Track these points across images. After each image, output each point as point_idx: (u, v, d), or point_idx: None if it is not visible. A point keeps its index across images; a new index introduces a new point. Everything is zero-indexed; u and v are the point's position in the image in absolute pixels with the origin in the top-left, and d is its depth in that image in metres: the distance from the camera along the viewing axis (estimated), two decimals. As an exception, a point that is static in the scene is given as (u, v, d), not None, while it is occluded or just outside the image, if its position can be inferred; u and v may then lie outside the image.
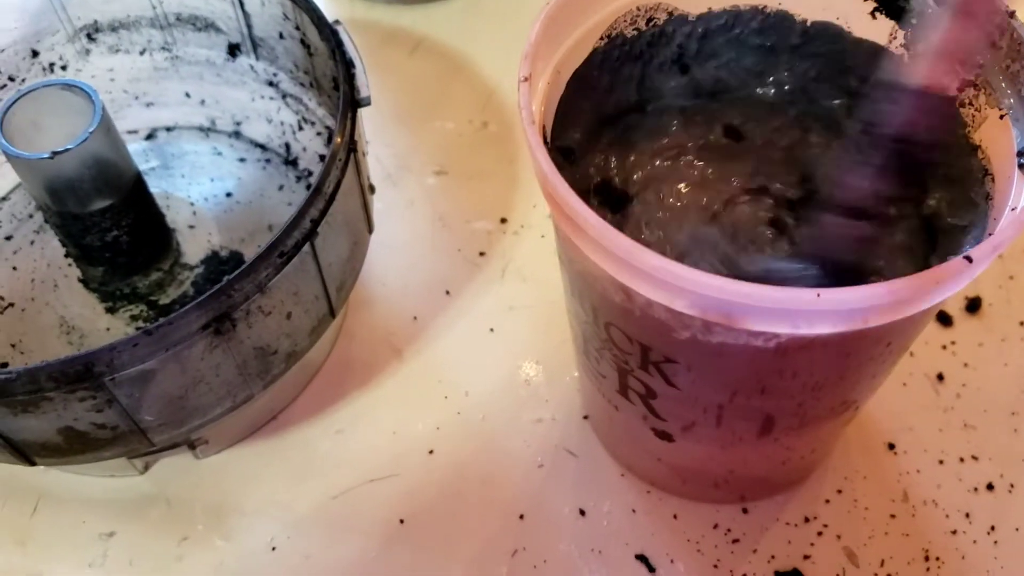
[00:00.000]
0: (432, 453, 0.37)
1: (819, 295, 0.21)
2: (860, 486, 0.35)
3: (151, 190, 0.37)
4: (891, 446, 0.36)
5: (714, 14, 0.31)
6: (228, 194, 0.41)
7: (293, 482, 0.36)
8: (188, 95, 0.43)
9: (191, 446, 0.36)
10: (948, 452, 0.36)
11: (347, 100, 0.33)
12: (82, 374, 0.28)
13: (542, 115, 0.26)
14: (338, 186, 0.31)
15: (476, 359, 0.39)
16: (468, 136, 0.46)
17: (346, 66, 0.33)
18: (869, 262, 0.28)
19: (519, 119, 0.46)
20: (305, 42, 0.37)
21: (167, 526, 0.36)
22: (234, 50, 0.41)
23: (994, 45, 0.25)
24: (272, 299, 0.30)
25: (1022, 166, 0.24)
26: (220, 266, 0.39)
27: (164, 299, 0.38)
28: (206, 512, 0.36)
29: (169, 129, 0.44)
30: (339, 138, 0.32)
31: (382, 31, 0.51)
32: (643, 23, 0.30)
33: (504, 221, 0.43)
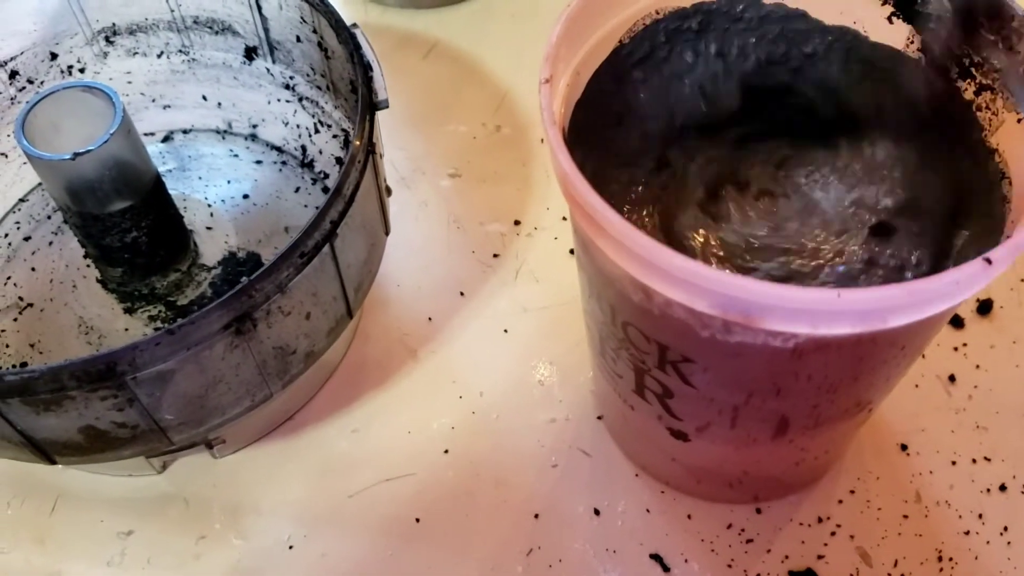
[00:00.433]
0: (447, 452, 0.37)
1: (839, 295, 0.21)
2: (873, 487, 0.35)
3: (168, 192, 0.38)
4: (904, 447, 0.36)
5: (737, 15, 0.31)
6: (245, 196, 0.42)
7: (309, 481, 0.37)
8: (205, 98, 0.43)
9: (209, 445, 0.36)
10: (961, 453, 0.36)
11: (365, 103, 0.33)
12: (104, 373, 0.28)
13: (562, 116, 0.26)
14: (357, 188, 0.32)
15: (490, 360, 0.39)
16: (481, 139, 0.47)
17: (364, 69, 0.34)
18: None
19: (531, 122, 0.47)
20: (322, 45, 0.37)
21: (185, 525, 0.36)
22: (251, 53, 0.41)
23: (1012, 50, 0.25)
24: (292, 299, 0.31)
25: None
26: (238, 267, 0.39)
27: (182, 300, 0.38)
28: (223, 511, 0.36)
29: (186, 131, 0.44)
30: (357, 141, 0.32)
31: (395, 35, 0.51)
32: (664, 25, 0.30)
33: (518, 223, 0.43)
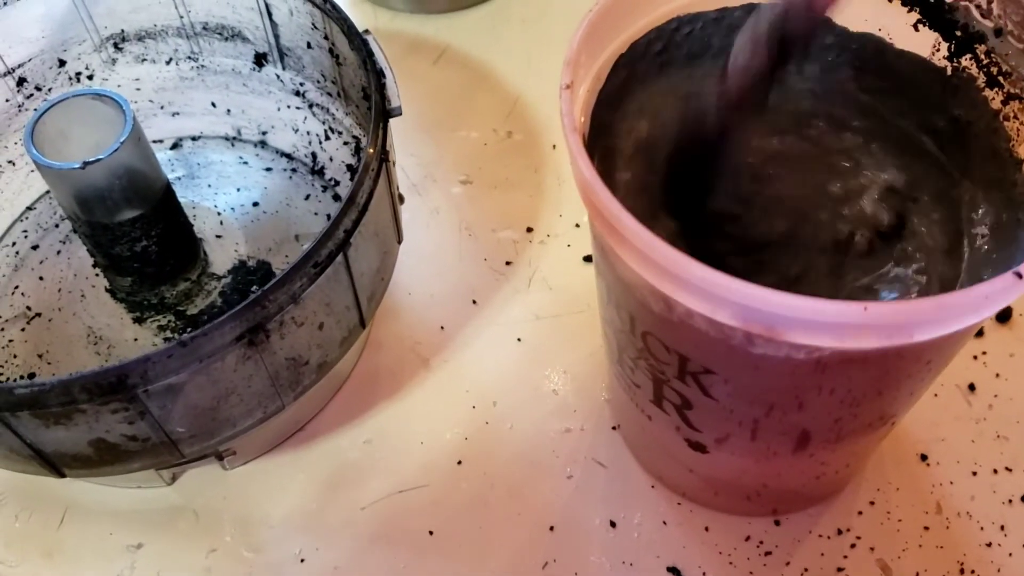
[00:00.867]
0: (460, 464, 0.37)
1: (866, 309, 0.21)
2: (893, 498, 0.35)
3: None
4: (923, 457, 0.36)
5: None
6: (255, 203, 0.41)
7: (321, 493, 0.36)
8: (214, 105, 0.43)
9: (219, 457, 0.36)
10: (981, 463, 0.35)
11: (378, 110, 0.32)
12: (115, 386, 0.28)
13: (583, 123, 0.26)
14: (370, 197, 0.31)
15: (503, 369, 0.39)
16: (493, 145, 0.46)
17: (377, 76, 0.33)
18: None
19: (543, 128, 0.47)
20: (334, 52, 0.37)
21: (195, 538, 0.36)
22: (261, 60, 0.41)
23: None
24: (305, 310, 0.30)
25: None
26: (248, 276, 0.38)
27: (192, 309, 0.38)
28: (234, 523, 0.36)
29: (195, 138, 0.44)
30: (371, 149, 0.31)
31: (406, 41, 0.51)
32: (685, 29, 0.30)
33: (530, 230, 0.43)
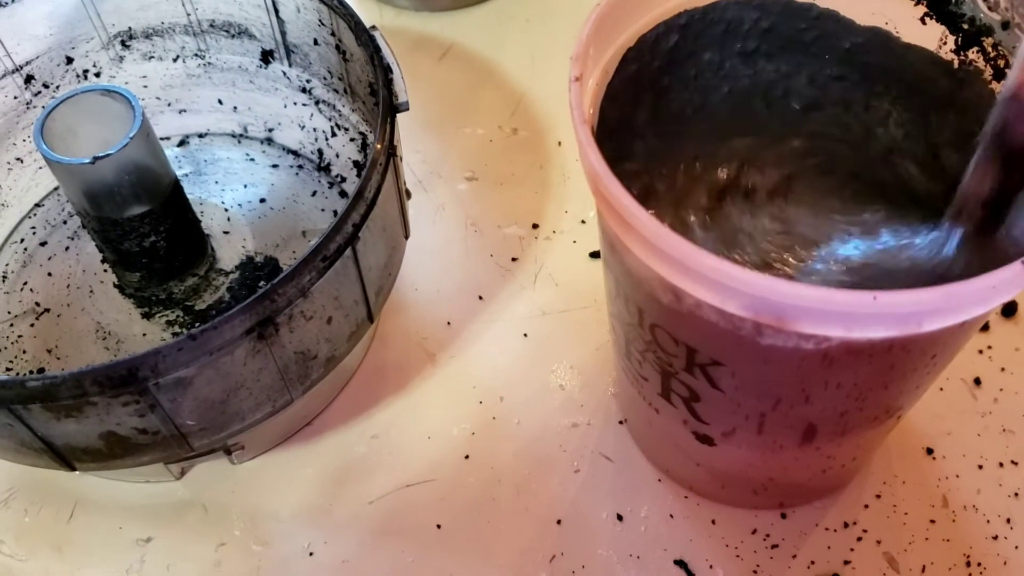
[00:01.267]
0: (468, 458, 0.37)
1: (875, 298, 0.21)
2: (899, 491, 0.35)
3: (186, 196, 0.38)
4: (929, 451, 0.36)
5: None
6: (262, 200, 0.41)
7: (329, 487, 0.36)
8: (221, 102, 0.43)
9: (227, 451, 0.36)
10: (987, 457, 0.35)
11: (386, 105, 0.33)
12: (126, 379, 0.28)
13: (591, 116, 0.26)
14: (378, 191, 0.31)
15: (510, 364, 0.39)
16: (498, 142, 0.46)
17: (384, 72, 0.33)
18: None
19: (548, 124, 0.47)
20: (340, 48, 0.37)
21: (204, 531, 0.36)
22: (267, 56, 0.41)
23: None
24: (314, 304, 0.30)
25: None
26: (255, 272, 0.39)
27: (200, 304, 0.38)
28: (242, 517, 0.36)
29: (202, 135, 0.44)
30: (379, 144, 0.32)
31: (411, 37, 0.51)
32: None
33: (536, 226, 0.43)
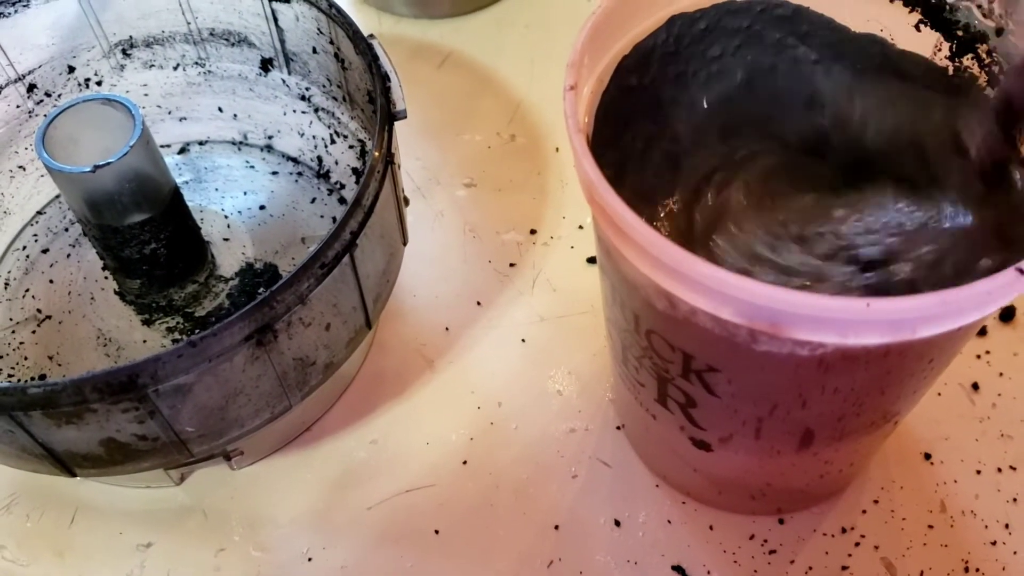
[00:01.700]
0: (466, 464, 0.37)
1: (868, 304, 0.21)
2: (897, 496, 0.35)
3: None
4: (927, 456, 0.36)
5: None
6: (261, 207, 0.42)
7: (328, 493, 0.37)
8: (221, 109, 0.43)
9: (227, 457, 0.36)
10: (985, 462, 0.36)
11: (384, 114, 0.33)
12: (126, 385, 0.28)
13: (586, 124, 0.26)
14: (376, 199, 0.32)
15: (508, 370, 0.39)
16: (496, 148, 0.46)
17: (382, 80, 0.34)
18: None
19: (546, 131, 0.47)
20: (339, 56, 0.37)
21: (204, 537, 0.36)
22: (267, 65, 0.41)
23: None
24: (312, 310, 0.30)
25: None
26: (255, 278, 0.39)
27: (200, 311, 0.38)
28: (242, 523, 0.36)
29: (202, 143, 0.44)
30: (376, 151, 0.32)
31: (409, 45, 0.51)
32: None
33: (534, 232, 0.43)
